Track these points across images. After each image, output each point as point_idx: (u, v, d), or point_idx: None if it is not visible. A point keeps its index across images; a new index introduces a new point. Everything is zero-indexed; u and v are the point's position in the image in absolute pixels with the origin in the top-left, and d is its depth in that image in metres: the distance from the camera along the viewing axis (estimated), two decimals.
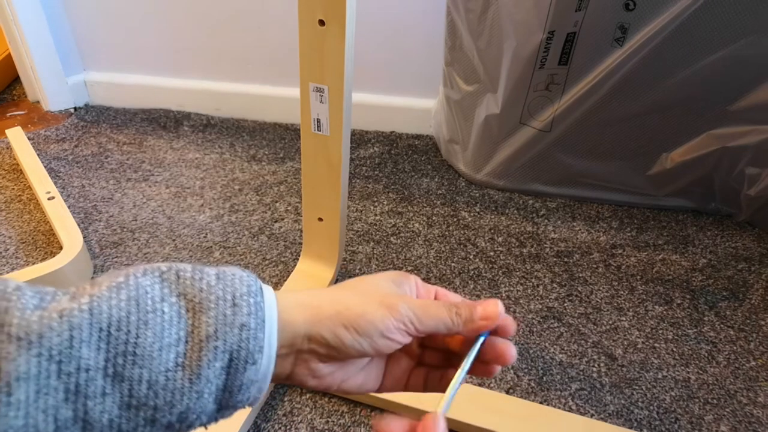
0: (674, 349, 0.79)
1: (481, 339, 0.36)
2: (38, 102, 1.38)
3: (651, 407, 0.71)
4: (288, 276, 0.85)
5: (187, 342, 0.28)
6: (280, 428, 0.67)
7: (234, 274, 0.31)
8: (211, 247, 0.95)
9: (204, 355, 0.28)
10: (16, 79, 1.44)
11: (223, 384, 0.29)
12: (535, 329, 0.81)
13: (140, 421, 0.28)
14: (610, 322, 0.83)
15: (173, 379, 0.28)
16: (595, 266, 0.93)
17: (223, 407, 0.31)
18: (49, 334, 0.25)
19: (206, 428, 0.30)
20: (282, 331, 0.31)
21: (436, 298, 0.38)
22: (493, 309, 0.34)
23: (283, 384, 0.72)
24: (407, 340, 0.33)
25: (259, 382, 0.31)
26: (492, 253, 0.95)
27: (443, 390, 0.35)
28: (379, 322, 0.32)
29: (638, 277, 0.91)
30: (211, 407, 0.30)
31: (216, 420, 0.31)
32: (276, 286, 0.87)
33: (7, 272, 0.87)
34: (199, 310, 0.29)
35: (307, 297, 0.33)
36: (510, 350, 0.35)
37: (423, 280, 0.89)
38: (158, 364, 0.27)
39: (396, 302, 0.33)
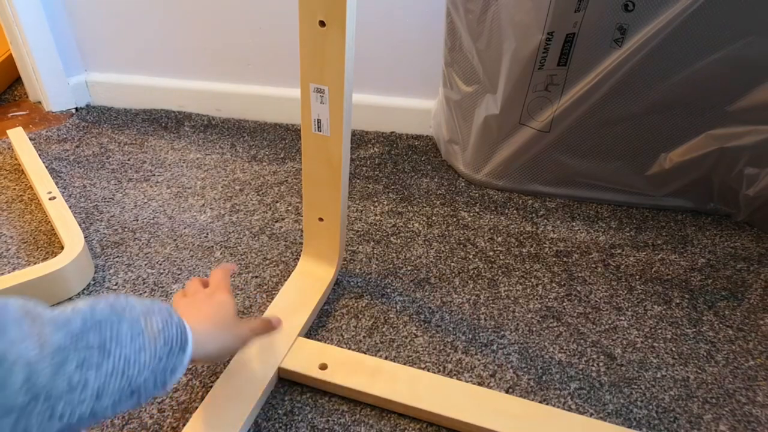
0: (673, 349, 0.79)
1: None
2: (39, 102, 1.38)
3: (650, 406, 0.72)
4: (288, 276, 0.86)
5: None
6: (280, 427, 0.67)
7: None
8: (212, 246, 0.95)
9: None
10: (17, 80, 1.45)
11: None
12: (534, 329, 0.82)
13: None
14: (609, 322, 0.83)
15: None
16: (594, 266, 0.93)
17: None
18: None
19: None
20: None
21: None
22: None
23: (287, 380, 0.72)
24: None
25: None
26: (491, 253, 0.95)
27: None
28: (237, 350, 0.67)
29: (637, 277, 0.91)
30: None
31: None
32: (277, 285, 0.87)
33: (9, 272, 0.87)
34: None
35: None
36: None
37: (422, 279, 0.90)
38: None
39: (246, 336, 0.65)
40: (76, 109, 1.37)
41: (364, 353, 0.76)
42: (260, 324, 0.67)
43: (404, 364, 0.75)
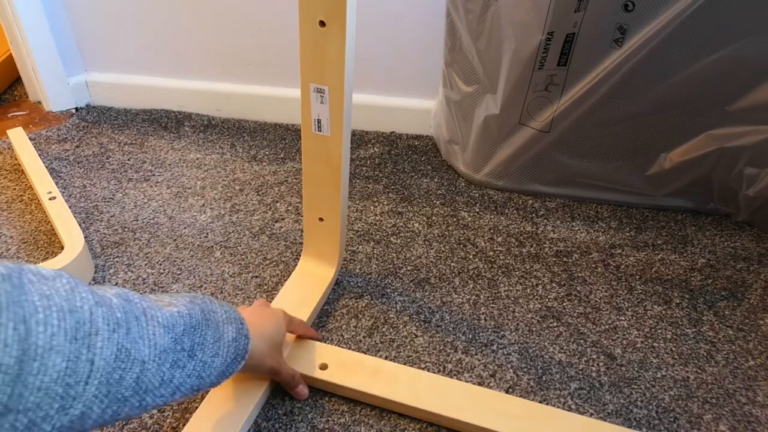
0: (673, 349, 0.79)
1: None
2: (39, 102, 1.38)
3: (650, 406, 0.72)
4: (288, 276, 0.86)
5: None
6: (280, 427, 0.67)
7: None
8: (212, 246, 0.95)
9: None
10: (17, 80, 1.45)
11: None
12: (534, 329, 0.82)
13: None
14: (609, 322, 0.83)
15: None
16: (594, 266, 0.93)
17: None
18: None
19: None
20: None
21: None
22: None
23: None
24: None
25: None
26: (491, 253, 0.95)
27: None
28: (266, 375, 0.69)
29: (637, 277, 0.91)
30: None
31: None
32: (276, 285, 0.87)
33: None
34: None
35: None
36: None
37: (422, 279, 0.90)
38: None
39: (277, 370, 0.66)
40: (76, 109, 1.37)
41: (364, 353, 0.76)
42: (293, 375, 0.68)
43: (404, 364, 0.75)
